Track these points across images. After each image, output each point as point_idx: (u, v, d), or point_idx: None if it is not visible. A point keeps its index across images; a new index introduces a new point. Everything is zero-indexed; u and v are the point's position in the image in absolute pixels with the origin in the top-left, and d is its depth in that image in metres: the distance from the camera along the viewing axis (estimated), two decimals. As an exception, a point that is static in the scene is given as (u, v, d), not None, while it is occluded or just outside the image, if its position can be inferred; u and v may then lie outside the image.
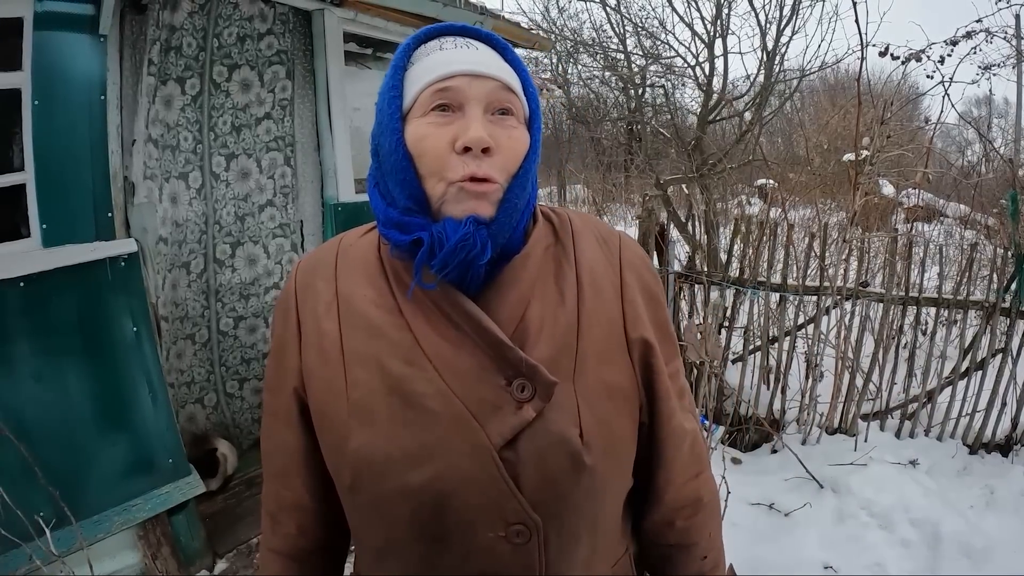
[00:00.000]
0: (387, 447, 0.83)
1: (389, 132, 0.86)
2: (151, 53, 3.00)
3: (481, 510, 0.83)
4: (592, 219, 1.04)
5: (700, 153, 7.51)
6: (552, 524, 0.85)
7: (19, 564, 2.24)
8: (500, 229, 0.85)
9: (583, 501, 0.87)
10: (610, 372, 0.90)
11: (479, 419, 0.82)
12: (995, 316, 3.74)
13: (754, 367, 4.11)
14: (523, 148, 0.88)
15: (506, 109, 0.87)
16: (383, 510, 0.86)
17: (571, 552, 0.89)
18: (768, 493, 3.32)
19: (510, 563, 0.85)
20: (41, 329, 2.42)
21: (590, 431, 0.85)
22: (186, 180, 3.41)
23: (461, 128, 0.83)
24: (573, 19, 15.47)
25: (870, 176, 4.69)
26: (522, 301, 0.89)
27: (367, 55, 4.35)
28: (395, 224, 0.87)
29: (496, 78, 0.87)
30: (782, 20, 7.20)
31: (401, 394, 0.84)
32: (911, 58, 5.46)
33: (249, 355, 3.90)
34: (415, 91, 0.86)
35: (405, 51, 0.90)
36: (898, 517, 3.05)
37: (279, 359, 0.97)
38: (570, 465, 0.84)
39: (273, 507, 1.02)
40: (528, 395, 0.83)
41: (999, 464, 3.69)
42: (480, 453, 0.82)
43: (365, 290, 0.91)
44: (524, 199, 0.88)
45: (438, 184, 0.84)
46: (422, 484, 0.82)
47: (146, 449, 2.73)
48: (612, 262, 0.97)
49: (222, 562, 3.03)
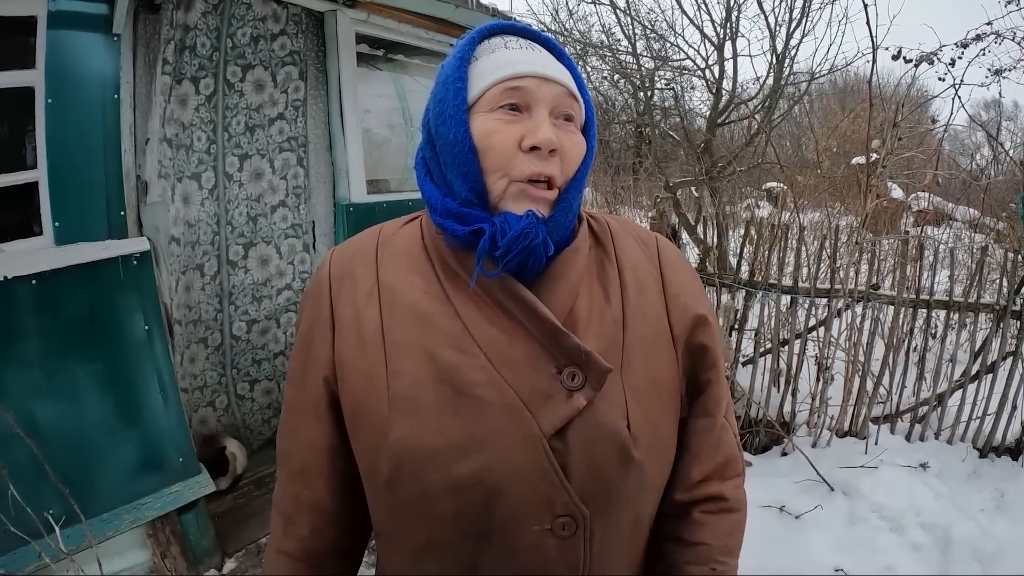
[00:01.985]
0: (434, 438, 0.82)
1: (455, 123, 0.87)
2: (166, 52, 3.01)
3: (529, 502, 0.82)
4: (629, 223, 1.07)
5: (709, 156, 7.49)
6: (598, 518, 0.85)
7: (28, 561, 2.25)
8: (556, 227, 0.88)
9: (630, 496, 0.88)
10: (656, 367, 0.91)
11: (530, 408, 0.82)
12: (1005, 319, 3.72)
13: (765, 369, 4.09)
14: (582, 152, 0.91)
15: (569, 115, 0.90)
16: (426, 505, 0.84)
17: (615, 549, 0.89)
18: (779, 496, 3.31)
19: (556, 559, 0.84)
20: (53, 327, 2.42)
21: (638, 425, 0.86)
22: (199, 180, 3.42)
23: (529, 128, 0.85)
24: (582, 21, 15.47)
25: (880, 179, 4.68)
26: (571, 294, 0.90)
27: (378, 56, 4.36)
28: (453, 215, 0.88)
29: (563, 83, 0.89)
30: (792, 23, 7.19)
31: (451, 383, 0.83)
32: (923, 61, 5.44)
33: (260, 356, 3.91)
34: (484, 85, 0.87)
35: (471, 44, 0.92)
36: (909, 520, 3.03)
37: (307, 350, 0.95)
38: (618, 458, 0.84)
39: (289, 508, 0.98)
40: (579, 384, 0.83)
41: (1009, 468, 3.68)
42: (530, 443, 0.81)
43: (411, 278, 0.91)
44: (579, 200, 0.92)
45: (501, 180, 0.86)
46: (469, 476, 0.81)
47: (156, 447, 2.73)
48: (653, 262, 0.99)
49: (231, 561, 3.04)
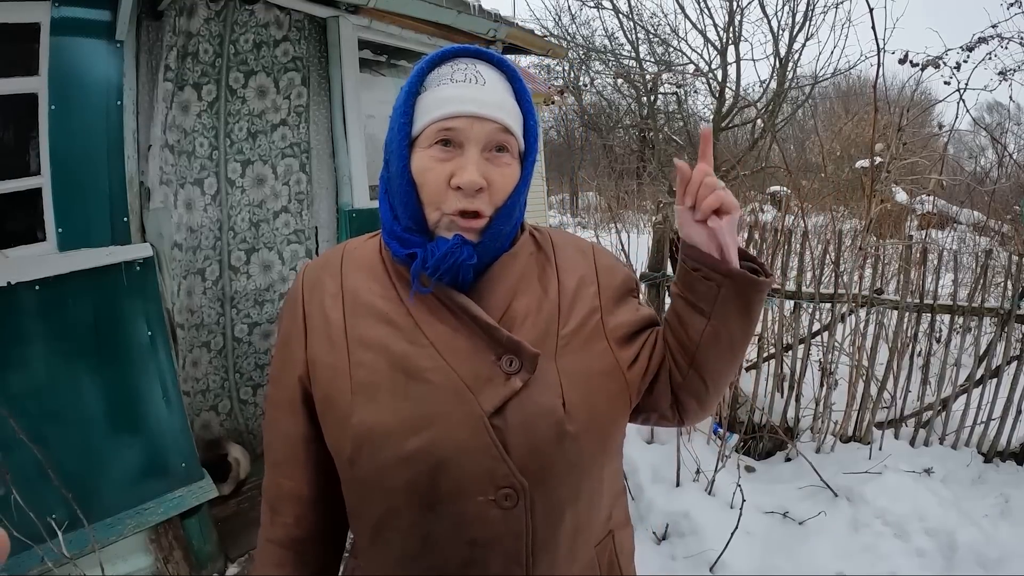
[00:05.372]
0: (389, 418, 0.92)
1: (397, 157, 0.97)
2: (168, 59, 3.02)
3: (473, 475, 0.91)
4: (569, 235, 1.19)
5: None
6: (538, 490, 0.93)
7: (31, 566, 2.25)
8: (485, 249, 0.97)
9: (567, 469, 0.96)
10: (590, 355, 1.01)
11: (473, 390, 0.93)
12: (1010, 323, 3.71)
13: (768, 375, 4.08)
14: (512, 183, 0.99)
15: (501, 146, 0.97)
16: (382, 479, 0.94)
17: (556, 521, 0.97)
18: (782, 501, 3.30)
19: (500, 528, 0.93)
20: (56, 332, 2.43)
21: (573, 404, 0.95)
22: (201, 186, 3.43)
23: (459, 166, 0.94)
24: (585, 26, 15.52)
25: (885, 183, 4.67)
26: (509, 293, 1.00)
27: (381, 62, 4.37)
28: (397, 238, 0.99)
29: (497, 121, 0.95)
30: (795, 26, 7.20)
31: (405, 369, 0.94)
32: (928, 64, 5.44)
33: (263, 361, 3.91)
34: (422, 123, 0.96)
35: (419, 75, 0.99)
36: (913, 526, 3.02)
37: (284, 351, 1.06)
38: (554, 433, 0.94)
39: (272, 497, 1.08)
40: (515, 368, 0.94)
41: (1014, 473, 3.66)
42: (473, 420, 0.91)
43: (371, 284, 1.02)
44: (509, 225, 0.99)
45: (434, 212, 0.96)
46: (419, 449, 0.91)
47: (159, 453, 2.74)
48: (590, 267, 1.10)
49: (234, 566, 3.04)
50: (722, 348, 1.05)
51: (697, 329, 1.05)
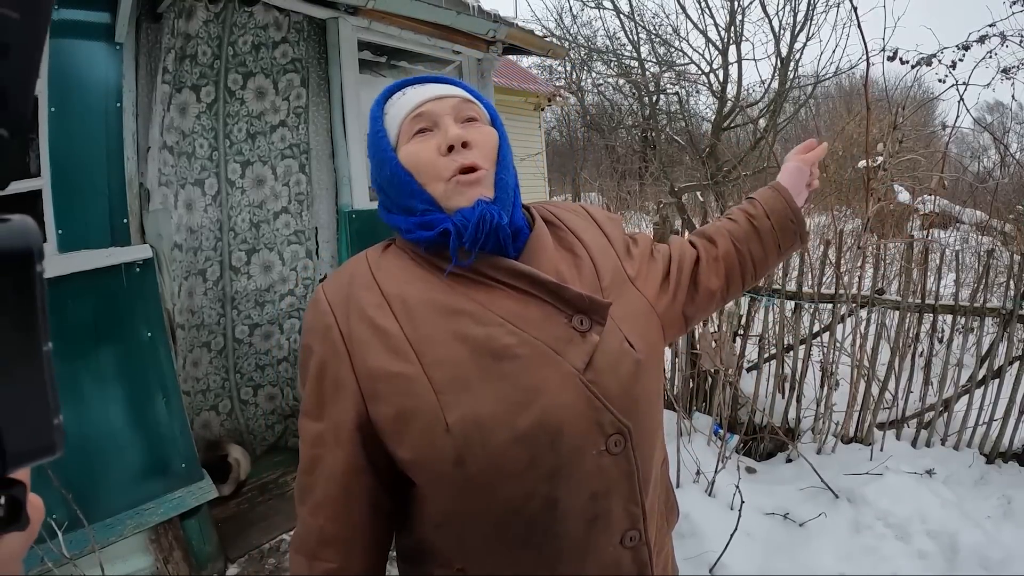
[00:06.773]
0: (492, 403, 0.91)
1: (387, 162, 1.03)
2: (166, 61, 3.02)
3: (586, 431, 0.94)
4: (556, 202, 1.26)
5: (715, 160, 7.48)
6: (636, 427, 0.98)
7: (31, 566, 2.26)
8: (503, 204, 1.00)
9: (648, 399, 1.03)
10: (628, 300, 1.08)
11: (560, 352, 0.95)
12: (1012, 323, 3.69)
13: (769, 375, 4.08)
14: (494, 139, 1.05)
15: (471, 117, 1.05)
16: (501, 466, 0.92)
17: (649, 452, 1.04)
18: (783, 503, 3.29)
19: (614, 473, 0.97)
20: (56, 334, 2.41)
21: (635, 340, 1.02)
22: (202, 187, 3.43)
23: (441, 136, 1.01)
24: (587, 26, 15.50)
25: (884, 182, 4.65)
26: (553, 261, 1.04)
27: (381, 63, 4.37)
28: (419, 225, 0.99)
29: (456, 95, 1.06)
30: (796, 26, 7.18)
31: (490, 352, 0.93)
32: (920, 63, 5.44)
33: (263, 361, 3.91)
34: (396, 126, 1.04)
35: (379, 105, 1.09)
36: (915, 528, 3.01)
37: (321, 383, 0.99)
38: (634, 370, 0.99)
39: (313, 545, 1.00)
40: (588, 326, 0.98)
41: (1016, 474, 3.65)
42: (571, 381, 0.94)
43: (416, 285, 1.00)
44: (511, 179, 1.05)
45: (438, 184, 0.99)
46: (533, 424, 0.91)
47: (159, 453, 2.74)
48: (592, 224, 1.19)
49: (234, 567, 3.04)
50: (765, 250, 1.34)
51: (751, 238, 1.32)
